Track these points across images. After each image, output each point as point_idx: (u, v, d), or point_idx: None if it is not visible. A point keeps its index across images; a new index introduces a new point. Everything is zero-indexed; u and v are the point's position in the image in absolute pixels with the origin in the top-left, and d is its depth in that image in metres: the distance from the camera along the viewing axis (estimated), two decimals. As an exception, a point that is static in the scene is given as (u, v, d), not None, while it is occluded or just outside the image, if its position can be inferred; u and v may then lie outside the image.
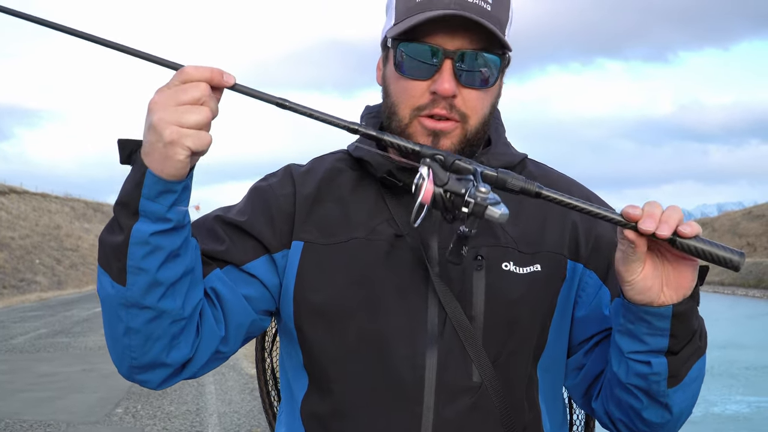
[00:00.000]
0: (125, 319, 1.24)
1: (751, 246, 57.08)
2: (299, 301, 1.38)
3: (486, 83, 1.33)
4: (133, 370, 1.31)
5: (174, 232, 1.20)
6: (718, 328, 24.48)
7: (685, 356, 1.24)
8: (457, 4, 1.29)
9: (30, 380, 11.30)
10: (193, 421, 8.68)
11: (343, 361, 1.35)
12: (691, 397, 1.32)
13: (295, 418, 1.42)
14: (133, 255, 1.18)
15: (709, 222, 72.19)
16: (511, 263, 1.36)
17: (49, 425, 8.45)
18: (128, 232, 1.18)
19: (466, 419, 1.32)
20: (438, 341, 1.31)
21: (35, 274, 37.73)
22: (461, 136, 1.33)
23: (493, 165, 1.32)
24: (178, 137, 1.11)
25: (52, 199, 58.96)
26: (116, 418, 8.84)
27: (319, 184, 1.44)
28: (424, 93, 1.32)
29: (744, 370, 16.71)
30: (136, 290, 1.21)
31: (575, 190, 1.47)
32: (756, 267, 45.95)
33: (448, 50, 1.29)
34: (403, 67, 1.33)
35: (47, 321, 20.69)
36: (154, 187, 1.15)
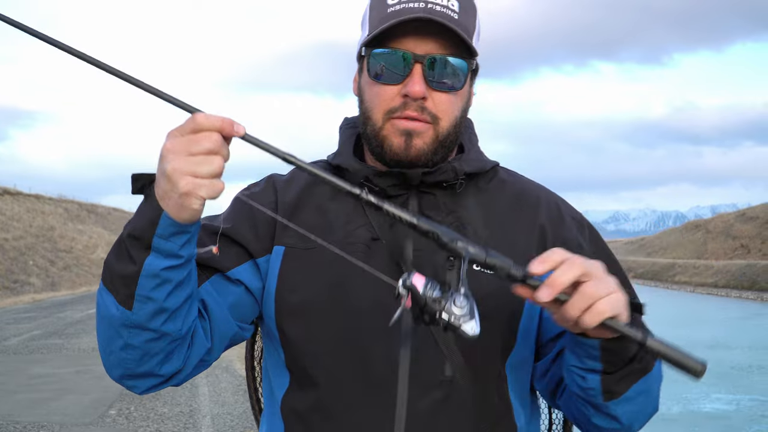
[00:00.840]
0: (125, 337, 1.29)
1: (745, 248, 57.23)
2: (280, 302, 1.45)
3: (455, 87, 1.40)
4: (124, 378, 1.37)
5: (183, 266, 1.25)
6: (707, 329, 24.56)
7: (620, 377, 1.28)
8: (426, 12, 1.35)
9: (23, 382, 11.29)
10: (186, 422, 8.69)
11: (323, 358, 1.42)
12: (640, 410, 1.36)
13: (274, 415, 1.50)
14: (143, 286, 1.23)
15: (703, 224, 72.35)
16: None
17: (42, 427, 8.45)
18: (140, 266, 1.22)
19: (439, 411, 1.38)
20: (411, 338, 1.38)
21: (29, 276, 37.63)
22: (433, 137, 1.40)
23: (465, 170, 1.45)
24: (193, 188, 1.14)
25: (46, 201, 58.79)
26: (109, 419, 8.84)
27: (299, 193, 1.52)
28: (396, 96, 1.38)
29: (729, 369, 16.81)
30: (141, 315, 1.26)
31: (543, 196, 1.55)
32: (750, 269, 46.04)
33: (418, 55, 1.36)
34: (375, 72, 1.40)
35: (41, 322, 20.64)
36: (169, 228, 1.20)
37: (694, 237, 69.09)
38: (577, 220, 1.56)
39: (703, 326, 25.60)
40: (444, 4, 1.38)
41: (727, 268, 49.39)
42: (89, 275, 44.78)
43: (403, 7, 1.37)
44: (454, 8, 1.38)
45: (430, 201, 1.47)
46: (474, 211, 1.49)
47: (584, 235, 1.54)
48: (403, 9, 1.37)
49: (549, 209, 1.54)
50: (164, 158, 1.15)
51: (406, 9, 1.36)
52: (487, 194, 1.52)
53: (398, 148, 1.40)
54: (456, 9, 1.38)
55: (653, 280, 57.92)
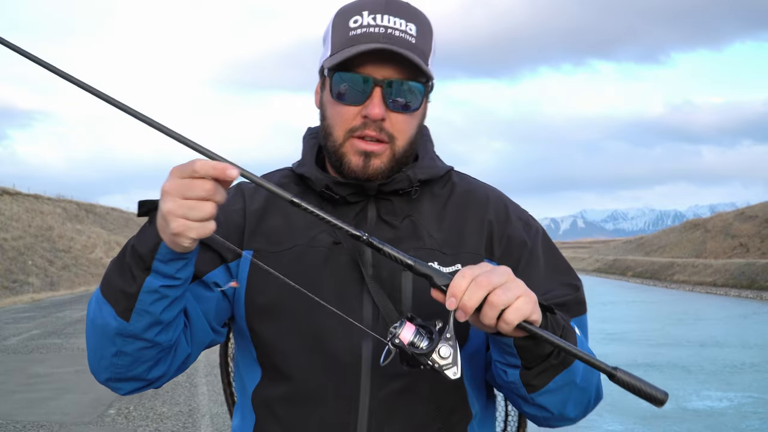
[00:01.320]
0: (119, 345, 1.40)
1: (744, 247, 57.24)
2: (250, 303, 1.56)
3: (412, 108, 1.51)
4: (110, 380, 1.49)
5: (180, 286, 1.37)
6: (702, 327, 24.65)
7: (538, 371, 1.38)
8: (385, 37, 1.46)
9: (23, 381, 11.31)
10: (186, 422, 8.70)
11: (291, 354, 1.53)
12: (569, 400, 1.45)
13: (246, 407, 1.61)
14: (142, 301, 1.35)
15: (702, 223, 72.34)
16: (435, 263, 1.52)
17: (42, 426, 8.47)
18: (141, 283, 1.33)
19: (399, 400, 1.50)
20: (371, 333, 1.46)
21: (28, 276, 37.61)
22: (390, 156, 1.52)
23: (419, 178, 1.57)
24: (184, 230, 1.25)
25: (45, 201, 58.76)
26: (109, 419, 8.85)
27: (266, 199, 1.62)
28: (357, 116, 1.49)
29: (722, 367, 16.89)
30: (138, 327, 1.37)
31: (492, 196, 1.67)
32: (749, 268, 46.06)
33: (378, 79, 1.46)
34: (338, 92, 1.50)
35: (40, 322, 20.65)
36: (167, 255, 1.31)
37: (693, 236, 69.05)
38: (523, 219, 1.66)
39: (698, 324, 25.69)
40: (402, 29, 1.48)
41: (726, 267, 49.39)
42: (88, 275, 44.75)
43: (364, 32, 1.47)
44: (411, 33, 1.48)
45: (388, 207, 1.59)
46: (428, 215, 1.60)
47: (529, 234, 1.64)
48: (364, 34, 1.47)
49: (497, 209, 1.64)
50: (163, 197, 1.26)
51: (366, 34, 1.47)
52: (440, 198, 1.63)
53: (356, 166, 1.51)
54: (414, 33, 1.48)
55: (652, 279, 57.90)
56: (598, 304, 35.00)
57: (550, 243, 1.67)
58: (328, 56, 1.51)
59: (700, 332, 23.23)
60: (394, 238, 1.55)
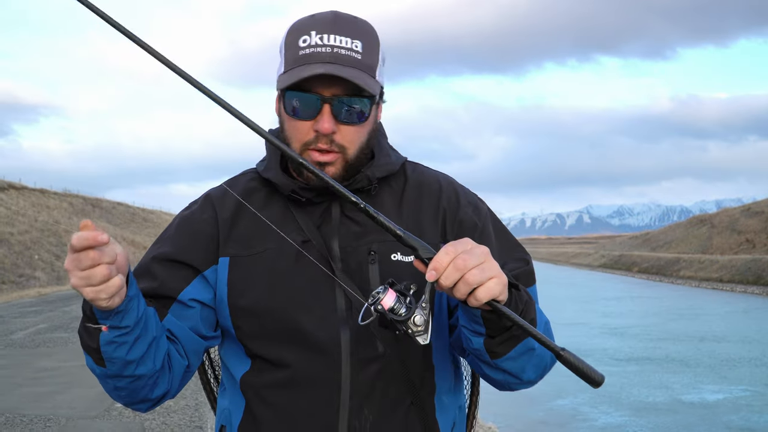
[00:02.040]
0: (112, 383, 1.59)
1: (750, 242, 57.07)
2: (233, 306, 1.68)
3: (359, 121, 1.63)
4: (126, 405, 1.68)
5: (131, 331, 1.49)
6: (703, 323, 24.67)
7: (501, 341, 1.51)
8: (332, 56, 1.58)
9: (29, 375, 11.35)
10: (192, 415, 8.73)
11: (276, 348, 1.66)
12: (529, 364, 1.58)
13: (236, 393, 1.73)
14: (105, 351, 1.50)
15: (708, 218, 72.16)
16: (398, 254, 1.67)
17: (49, 420, 8.49)
18: (97, 338, 1.49)
19: (376, 382, 1.64)
20: (347, 323, 1.63)
21: (34, 270, 37.70)
22: (343, 164, 1.64)
23: (377, 176, 1.69)
24: (94, 295, 1.38)
25: (51, 195, 58.89)
26: (115, 412, 8.88)
27: (235, 206, 1.74)
28: (309, 131, 1.61)
29: (719, 361, 16.99)
30: (114, 369, 1.54)
31: (443, 184, 1.80)
32: (755, 264, 45.94)
33: (326, 96, 1.59)
34: (292, 108, 1.62)
35: (47, 316, 20.71)
36: (102, 313, 1.45)
37: (699, 232, 68.84)
38: (472, 203, 1.79)
39: (699, 320, 25.72)
40: (348, 47, 1.59)
41: (732, 262, 49.27)
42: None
43: (312, 51, 1.59)
44: (357, 49, 1.60)
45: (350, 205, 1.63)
46: (388, 208, 1.72)
47: (479, 216, 1.77)
48: (312, 54, 1.59)
49: (448, 195, 1.77)
50: (69, 275, 1.39)
51: (314, 54, 1.59)
52: (397, 191, 1.76)
53: (312, 177, 1.62)
54: (359, 50, 1.60)
55: (658, 274, 57.79)
56: (601, 300, 34.98)
57: (498, 223, 1.82)
58: (282, 72, 1.64)
59: (700, 327, 23.29)
60: (360, 232, 1.68)
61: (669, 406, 12.53)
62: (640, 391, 13.87)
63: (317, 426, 1.64)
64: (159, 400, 1.68)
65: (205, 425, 8.24)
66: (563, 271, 72.20)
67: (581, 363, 1.40)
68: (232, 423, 1.73)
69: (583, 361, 1.40)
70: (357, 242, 1.67)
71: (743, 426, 11.31)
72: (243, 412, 1.71)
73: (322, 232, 1.68)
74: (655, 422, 11.51)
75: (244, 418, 1.71)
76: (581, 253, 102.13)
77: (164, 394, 1.67)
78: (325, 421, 1.63)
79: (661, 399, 13.19)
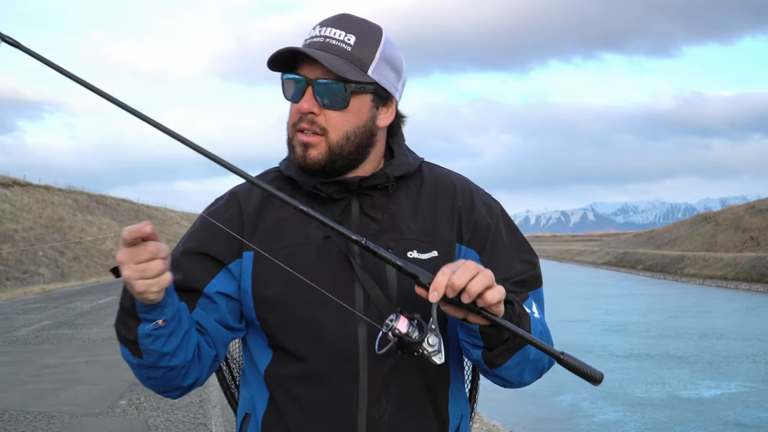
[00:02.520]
0: (146, 373, 1.68)
1: (755, 240, 56.96)
2: (257, 298, 1.75)
3: (339, 106, 1.70)
4: (159, 392, 1.77)
5: (168, 324, 1.57)
6: (704, 320, 24.72)
7: (498, 353, 1.61)
8: (321, 45, 1.69)
9: (33, 372, 11.37)
10: (197, 412, 8.73)
11: (297, 340, 1.73)
12: (525, 371, 1.69)
13: (260, 384, 1.80)
14: (143, 344, 1.59)
15: (713, 216, 72.04)
16: (414, 251, 1.75)
17: (52, 417, 8.50)
18: (135, 331, 1.57)
19: (392, 375, 1.71)
20: (365, 318, 1.68)
21: (38, 266, 37.77)
22: (326, 147, 1.71)
23: (395, 174, 1.78)
24: (144, 289, 1.46)
25: (55, 192, 58.99)
26: (119, 409, 8.89)
27: (260, 202, 1.81)
28: (296, 112, 1.72)
29: (719, 358, 17.12)
30: (150, 360, 1.62)
31: (458, 185, 1.87)
32: (759, 262, 45.86)
33: (309, 78, 1.69)
34: (285, 91, 1.74)
35: (51, 313, 20.76)
36: (145, 308, 1.53)
37: (704, 229, 68.69)
38: (486, 204, 1.87)
39: (701, 317, 25.76)
40: (339, 38, 1.70)
41: (736, 260, 49.19)
42: (98, 266, 44.93)
43: (309, 41, 1.71)
44: (349, 42, 1.70)
45: (368, 201, 1.78)
46: (405, 207, 1.80)
47: (492, 217, 1.85)
48: (308, 42, 1.71)
49: (464, 196, 1.85)
50: (121, 267, 1.46)
51: (309, 42, 1.71)
52: (413, 190, 1.84)
53: (299, 157, 1.72)
54: (351, 42, 1.70)
55: (662, 272, 57.72)
56: (604, 297, 34.96)
57: (510, 223, 1.90)
58: None
59: (701, 324, 23.35)
60: (378, 230, 1.75)
61: (666, 402, 12.76)
62: (639, 387, 13.99)
63: (338, 417, 1.71)
64: (189, 387, 1.77)
65: (209, 422, 8.24)
66: (568, 269, 72.14)
67: (581, 364, 1.48)
68: (257, 413, 1.81)
69: (582, 362, 1.49)
70: (375, 240, 1.70)
71: (739, 421, 11.46)
72: (267, 404, 1.78)
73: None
74: (651, 418, 11.71)
75: (268, 410, 1.78)
76: (585, 250, 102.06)
77: (194, 382, 1.76)
78: (346, 412, 1.71)
79: (659, 395, 13.36)
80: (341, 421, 1.71)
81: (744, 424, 11.25)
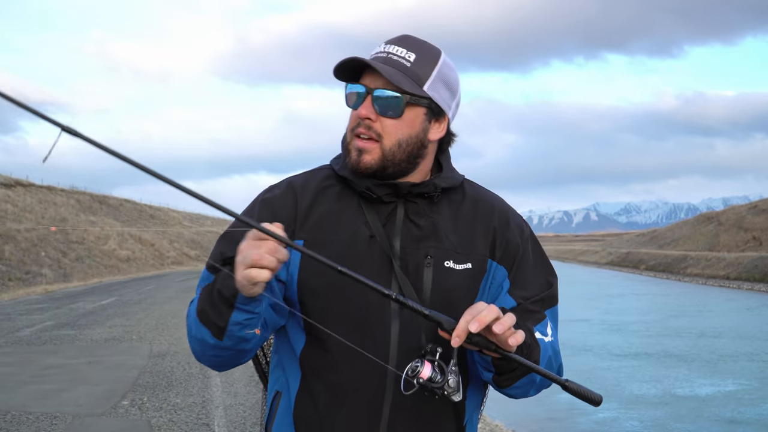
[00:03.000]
0: (216, 352, 1.82)
1: (757, 240, 56.92)
2: (302, 283, 1.88)
3: (394, 114, 1.84)
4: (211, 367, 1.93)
5: (257, 316, 1.74)
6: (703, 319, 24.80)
7: (506, 378, 1.80)
8: (384, 60, 1.85)
9: (36, 372, 11.36)
10: (199, 413, 8.72)
11: (333, 327, 1.83)
12: (530, 389, 1.88)
13: (294, 366, 1.93)
14: (230, 330, 1.74)
15: (715, 216, 71.99)
16: (451, 261, 1.90)
17: (55, 417, 8.49)
18: (227, 318, 1.73)
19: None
20: (399, 315, 1.85)
21: (41, 267, 37.78)
22: (380, 154, 1.85)
23: (442, 186, 1.93)
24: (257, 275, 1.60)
25: (58, 192, 59.04)
26: (122, 410, 8.88)
27: (314, 195, 1.95)
28: (356, 118, 1.87)
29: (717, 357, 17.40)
30: (228, 343, 1.78)
31: (497, 206, 2.03)
32: (762, 261, 45.81)
33: (369, 87, 1.85)
34: (347, 99, 1.89)
35: (53, 313, 20.76)
36: (244, 301, 1.69)
37: (706, 229, 68.62)
38: (519, 226, 2.03)
39: (700, 316, 25.87)
40: (401, 55, 1.86)
41: (739, 260, 49.15)
42: (101, 266, 44.96)
43: (374, 55, 1.87)
44: (409, 59, 1.86)
45: (414, 208, 1.92)
46: (446, 217, 1.95)
47: (523, 239, 2.01)
48: (373, 57, 1.87)
49: (500, 216, 2.00)
50: (240, 254, 1.63)
51: (374, 57, 1.87)
52: (456, 204, 1.98)
53: (353, 161, 1.87)
54: (411, 60, 1.86)
55: (665, 272, 57.67)
56: (605, 297, 34.96)
57: (537, 246, 2.06)
58: None
59: (700, 323, 23.48)
60: (420, 236, 1.89)
61: (661, 400, 12.98)
62: (635, 385, 14.13)
63: (365, 400, 1.85)
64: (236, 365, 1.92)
65: (212, 422, 8.23)
66: (570, 269, 72.12)
67: (583, 389, 1.67)
68: (290, 391, 1.94)
69: (584, 387, 1.68)
70: (416, 245, 1.88)
71: (732, 418, 11.64)
72: (300, 384, 1.92)
73: (387, 230, 1.89)
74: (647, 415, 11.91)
75: (300, 390, 1.91)
76: (588, 250, 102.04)
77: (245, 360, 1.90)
78: (372, 396, 1.85)
79: (653, 392, 13.60)
80: (368, 407, 1.85)
81: (737, 421, 11.47)
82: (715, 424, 11.29)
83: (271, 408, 2.00)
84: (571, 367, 2.28)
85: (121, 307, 22.49)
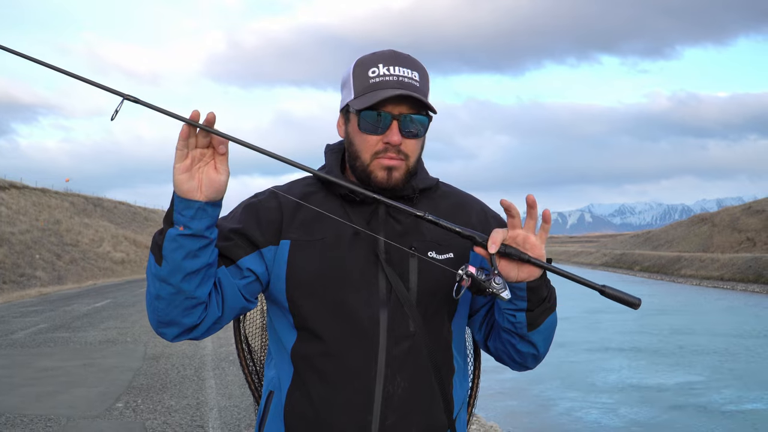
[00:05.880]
0: (157, 289, 1.86)
1: (751, 241, 57.02)
2: (290, 281, 1.98)
3: (419, 135, 1.99)
4: (158, 324, 1.93)
5: (194, 238, 1.81)
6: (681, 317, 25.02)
7: (538, 313, 1.91)
8: (398, 84, 1.95)
9: (30, 375, 11.35)
10: (194, 415, 8.72)
11: (324, 320, 1.96)
12: (548, 338, 2.00)
13: (285, 361, 2.02)
14: (166, 248, 1.82)
15: (709, 217, 72.07)
16: (433, 252, 2.01)
17: (49, 420, 8.49)
18: (165, 233, 1.83)
19: (407, 356, 1.96)
20: (387, 304, 1.95)
21: (35, 269, 37.71)
22: (405, 170, 1.98)
23: (420, 187, 2.06)
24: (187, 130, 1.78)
25: (52, 195, 58.93)
26: (116, 412, 8.88)
27: (298, 199, 2.03)
28: (379, 143, 1.96)
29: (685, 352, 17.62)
30: (165, 271, 1.83)
31: (473, 203, 2.17)
32: (755, 262, 45.92)
33: (395, 114, 1.95)
34: (365, 127, 1.97)
35: (47, 316, 20.74)
36: (179, 204, 1.81)
37: (700, 230, 68.69)
38: (497, 219, 2.16)
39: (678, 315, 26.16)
40: (409, 76, 1.97)
41: (732, 261, 49.23)
42: (95, 269, 44.88)
43: (382, 80, 1.96)
44: (416, 79, 1.98)
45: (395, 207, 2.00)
46: None
47: (502, 226, 2.08)
48: (382, 81, 1.96)
49: (477, 213, 2.14)
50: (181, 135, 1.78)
51: (384, 82, 1.96)
52: (434, 202, 2.10)
53: (382, 179, 1.97)
54: (417, 79, 1.98)
55: (659, 273, 57.74)
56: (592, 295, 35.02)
57: None
58: (353, 98, 1.99)
59: (677, 321, 23.71)
60: (402, 231, 2.00)
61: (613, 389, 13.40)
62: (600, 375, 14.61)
63: (357, 389, 1.93)
64: (185, 331, 1.94)
65: (207, 425, 8.23)
66: (564, 270, 71.99)
67: (621, 293, 1.81)
68: (282, 388, 2.02)
69: (621, 291, 1.81)
70: (400, 239, 1.98)
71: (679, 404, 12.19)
72: (291, 378, 2.00)
73: (371, 227, 1.99)
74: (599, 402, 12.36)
75: (293, 383, 1.99)
76: (583, 251, 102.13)
77: (193, 326, 1.93)
78: (364, 385, 1.93)
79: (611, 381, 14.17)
80: (360, 392, 1.93)
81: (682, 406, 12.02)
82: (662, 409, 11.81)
83: (264, 408, 2.06)
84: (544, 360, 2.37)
85: (116, 310, 22.47)
